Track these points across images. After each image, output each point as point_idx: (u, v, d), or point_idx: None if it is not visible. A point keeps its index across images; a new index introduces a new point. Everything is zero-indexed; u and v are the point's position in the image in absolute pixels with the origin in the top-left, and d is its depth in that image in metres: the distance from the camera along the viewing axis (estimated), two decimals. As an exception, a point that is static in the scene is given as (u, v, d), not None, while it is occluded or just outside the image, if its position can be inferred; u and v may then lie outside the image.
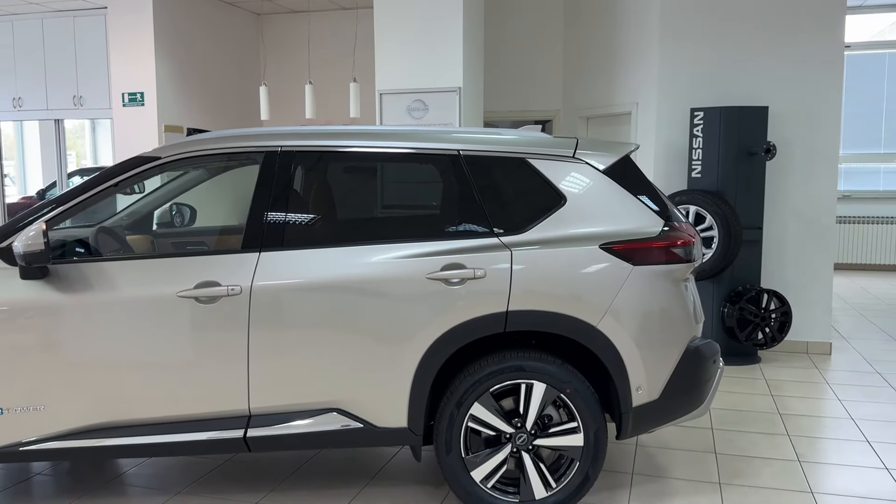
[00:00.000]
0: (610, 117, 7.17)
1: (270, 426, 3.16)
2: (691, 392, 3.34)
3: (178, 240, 4.42)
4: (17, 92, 9.08)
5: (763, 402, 4.94)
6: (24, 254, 2.92)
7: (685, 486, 3.64)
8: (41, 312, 3.05)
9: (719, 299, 6.01)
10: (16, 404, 3.07)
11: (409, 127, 3.48)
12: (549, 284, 3.15)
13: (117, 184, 3.25)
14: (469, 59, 6.37)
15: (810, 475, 3.75)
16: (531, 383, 3.18)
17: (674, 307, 3.26)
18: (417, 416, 3.18)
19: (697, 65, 6.26)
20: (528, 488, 3.23)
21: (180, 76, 7.53)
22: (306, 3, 8.21)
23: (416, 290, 3.12)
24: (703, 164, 6.01)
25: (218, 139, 3.33)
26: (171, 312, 3.09)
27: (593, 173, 3.32)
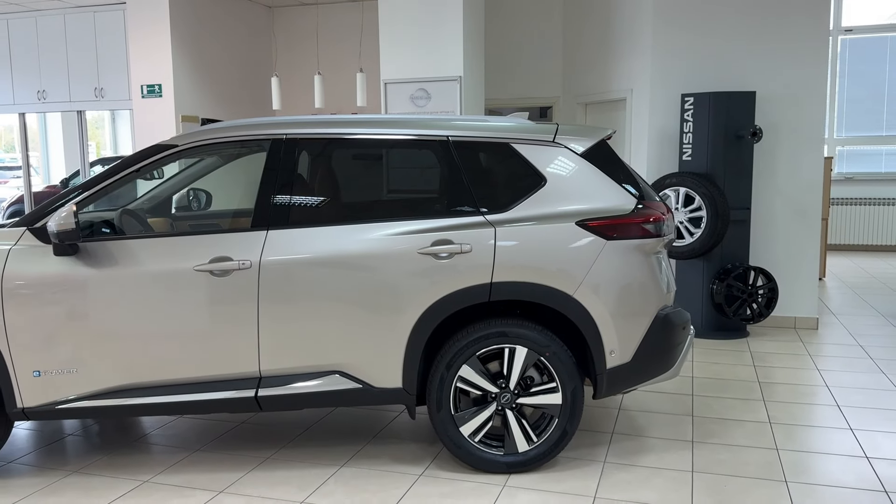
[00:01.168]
0: (607, 103, 7.44)
1: (279, 387, 3.51)
2: (661, 356, 3.65)
3: (194, 222, 4.78)
4: (41, 85, 9.48)
5: (745, 372, 5.23)
6: (57, 232, 3.28)
7: (660, 443, 3.96)
8: (73, 285, 3.42)
9: (709, 277, 6.29)
10: (51, 367, 3.44)
11: (403, 115, 3.79)
12: (530, 258, 3.46)
13: (139, 169, 3.60)
14: (469, 49, 6.67)
15: (778, 435, 4.06)
16: (514, 348, 3.51)
17: (644, 278, 3.56)
18: (411, 378, 3.52)
19: (689, 51, 6.51)
20: (512, 442, 3.56)
21: (196, 68, 7.88)
22: (315, -5, 8.54)
23: (408, 263, 3.45)
24: (693, 147, 6.28)
25: (229, 128, 3.67)
26: (189, 285, 3.44)
27: (572, 156, 3.63)
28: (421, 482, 3.51)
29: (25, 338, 3.41)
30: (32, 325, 3.40)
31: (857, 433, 4.07)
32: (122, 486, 3.51)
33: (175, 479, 3.57)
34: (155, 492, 3.44)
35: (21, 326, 3.40)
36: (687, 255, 6.20)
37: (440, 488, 3.44)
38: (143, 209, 4.34)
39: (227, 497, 3.38)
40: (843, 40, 11.42)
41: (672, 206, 6.24)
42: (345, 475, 3.60)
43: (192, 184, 4.69)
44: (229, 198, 5.51)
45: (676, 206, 6.22)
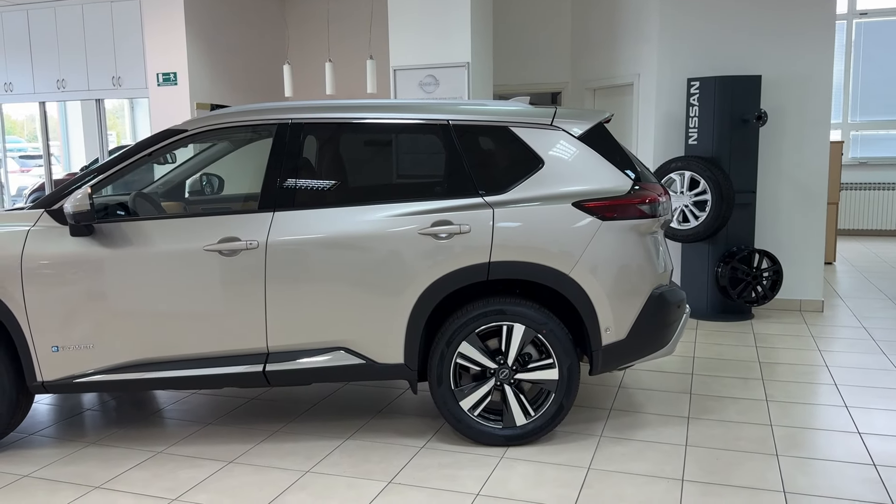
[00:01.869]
0: (614, 88, 7.50)
1: (286, 362, 3.65)
2: (656, 333, 3.75)
3: (206, 205, 4.93)
4: (60, 74, 9.68)
5: (746, 353, 5.31)
6: (73, 213, 3.44)
7: (656, 419, 4.06)
8: (88, 265, 3.58)
9: (714, 260, 6.35)
10: (69, 343, 3.60)
11: (406, 100, 3.91)
12: (527, 238, 3.57)
13: (151, 153, 3.74)
14: (477, 35, 6.75)
15: (773, 411, 4.15)
16: (511, 325, 3.63)
17: (639, 257, 3.66)
18: (412, 354, 3.65)
19: (696, 36, 6.55)
20: (510, 416, 3.68)
21: (210, 56, 8.03)
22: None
23: (409, 244, 3.58)
24: (699, 131, 6.33)
25: (237, 113, 3.80)
26: (199, 264, 3.59)
27: (569, 139, 3.72)
28: (422, 454, 3.64)
29: (44, 315, 3.57)
30: (50, 303, 3.57)
31: (852, 410, 4.15)
32: (136, 456, 3.68)
33: (187, 451, 3.74)
34: (168, 462, 3.61)
35: (40, 304, 3.57)
36: (692, 239, 6.27)
37: (440, 459, 3.58)
38: (156, 193, 4.49)
39: (236, 466, 3.54)
40: (857, 24, 11.35)
41: (677, 190, 6.31)
42: (349, 447, 3.74)
43: (205, 168, 4.84)
44: (242, 182, 5.65)
45: (681, 189, 6.29)
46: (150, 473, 3.48)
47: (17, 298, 3.56)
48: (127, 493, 3.28)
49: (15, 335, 3.58)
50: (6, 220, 3.66)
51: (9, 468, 3.55)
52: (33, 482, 3.40)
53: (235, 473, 3.46)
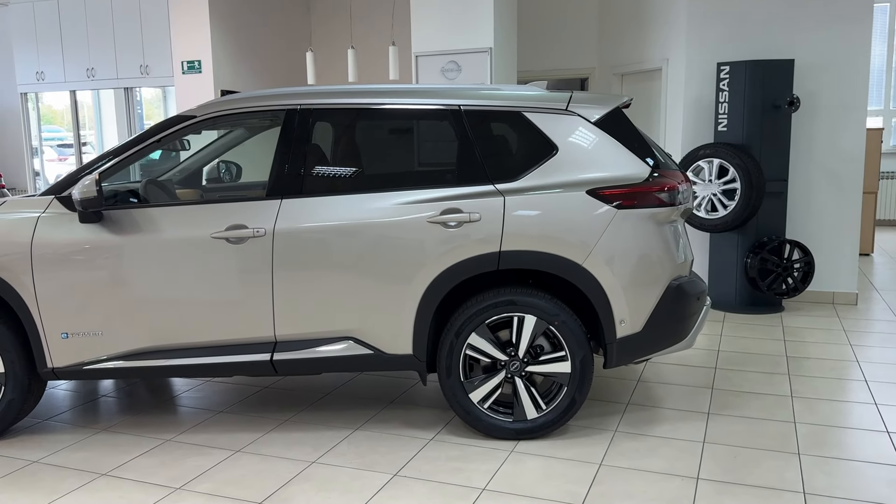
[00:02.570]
0: (642, 74, 7.31)
1: (293, 351, 3.61)
2: (674, 326, 3.62)
3: (221, 193, 4.91)
4: (90, 63, 9.78)
5: (773, 346, 5.14)
6: (80, 200, 3.43)
7: (675, 414, 3.94)
8: (97, 251, 3.56)
9: (743, 250, 6.16)
10: (78, 330, 3.60)
11: (417, 85, 3.82)
12: (538, 227, 3.47)
13: (160, 140, 3.71)
14: (500, 20, 6.62)
15: (797, 408, 3.99)
16: (523, 316, 3.53)
17: (656, 247, 3.53)
18: (421, 344, 3.58)
19: (726, 18, 6.34)
20: (521, 410, 3.59)
21: (234, 44, 8.02)
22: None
23: (418, 232, 3.50)
24: (728, 117, 6.13)
25: (246, 99, 3.75)
26: (207, 251, 3.55)
27: (584, 124, 3.60)
28: (430, 446, 3.58)
29: (54, 301, 3.57)
30: (60, 289, 3.57)
31: (882, 408, 3.97)
32: (145, 443, 3.67)
33: (196, 439, 3.72)
34: (176, 450, 3.59)
35: (49, 290, 3.57)
36: (720, 228, 6.09)
37: (448, 452, 3.51)
38: (171, 180, 4.48)
39: (243, 455, 3.51)
40: (902, 6, 10.91)
41: (705, 178, 6.12)
42: (358, 438, 3.69)
43: (223, 155, 4.81)
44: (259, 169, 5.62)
45: (710, 177, 6.10)
46: (157, 461, 3.47)
47: (28, 284, 3.56)
48: (132, 480, 3.27)
49: (25, 321, 3.59)
50: (18, 207, 3.66)
51: (20, 453, 3.57)
52: (42, 468, 3.41)
53: (242, 463, 3.44)
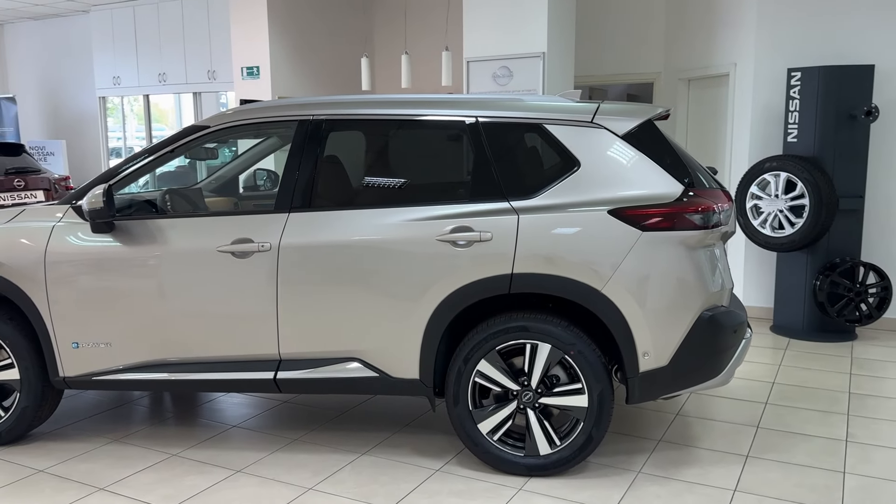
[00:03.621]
0: (710, 79, 6.87)
1: (297, 370, 3.48)
2: (705, 361, 3.29)
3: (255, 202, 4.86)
4: (161, 68, 10.06)
5: (836, 381, 4.67)
6: (88, 210, 3.40)
7: (709, 455, 3.60)
8: (107, 262, 3.53)
9: (813, 271, 5.67)
10: (88, 340, 3.59)
11: (433, 96, 3.61)
12: (554, 248, 3.21)
13: (173, 150, 3.66)
14: (555, 23, 6.34)
15: (851, 456, 3.57)
16: (536, 344, 3.28)
17: (686, 274, 3.21)
18: (428, 369, 3.38)
19: (799, 20, 5.86)
20: (533, 444, 3.34)
21: (291, 49, 8.04)
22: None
23: (426, 250, 3.30)
24: (799, 127, 5.66)
25: (259, 109, 3.65)
26: (212, 265, 3.46)
27: (610, 138, 3.32)
28: (435, 478, 3.38)
29: (65, 310, 3.57)
30: (71, 299, 3.56)
31: (952, 461, 3.51)
32: (151, 457, 3.62)
33: (201, 455, 3.65)
34: (178, 466, 3.52)
35: (62, 299, 3.56)
36: (787, 248, 5.63)
37: (453, 486, 3.29)
38: (198, 189, 4.44)
39: (242, 476, 3.41)
40: None
41: (771, 194, 5.67)
42: (362, 464, 3.53)
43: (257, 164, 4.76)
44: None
45: (776, 192, 5.65)
46: (157, 478, 3.40)
47: (41, 293, 3.57)
48: (126, 497, 3.21)
49: (39, 329, 3.60)
50: (36, 216, 3.68)
51: (29, 461, 3.58)
52: (45, 478, 3.40)
53: (238, 484, 3.33)
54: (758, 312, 6.26)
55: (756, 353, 5.31)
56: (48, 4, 10.42)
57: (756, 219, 5.79)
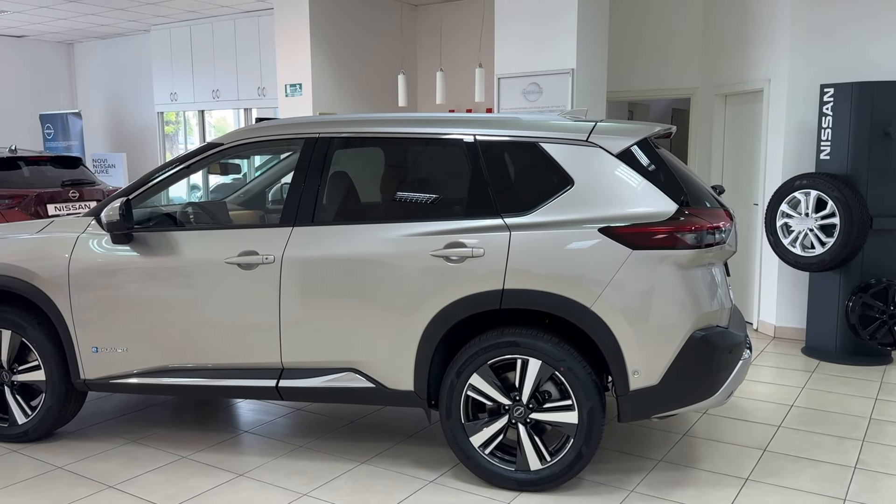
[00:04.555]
0: (745, 95, 6.76)
1: (298, 378, 3.60)
2: (698, 381, 3.27)
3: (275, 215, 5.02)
4: (215, 85, 10.46)
5: (859, 406, 4.53)
6: (106, 223, 3.61)
7: (707, 477, 3.55)
8: (126, 270, 3.74)
9: (845, 292, 5.51)
10: (107, 345, 3.79)
11: (433, 114, 3.70)
12: (544, 265, 3.25)
13: (189, 166, 3.85)
14: (586, 39, 6.36)
15: (856, 483, 3.48)
16: (526, 359, 3.32)
17: (676, 293, 3.20)
18: (422, 382, 3.45)
19: (833, 36, 5.73)
20: (524, 459, 3.37)
21: (332, 67, 8.26)
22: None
23: (420, 265, 3.38)
24: (832, 144, 5.53)
25: (269, 127, 3.81)
26: (219, 276, 3.63)
27: (605, 157, 3.35)
28: (428, 489, 3.44)
29: (87, 316, 3.79)
30: (92, 306, 3.77)
31: (964, 493, 3.38)
32: (161, 458, 3.79)
33: (209, 458, 3.80)
34: (185, 468, 3.68)
35: (83, 306, 3.78)
36: (817, 268, 5.49)
37: (443, 498, 3.35)
38: (222, 202, 4.64)
39: (244, 480, 3.54)
40: None
41: (802, 212, 5.55)
42: (360, 472, 3.62)
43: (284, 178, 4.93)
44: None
45: (806, 211, 5.52)
46: (164, 478, 3.57)
47: (65, 299, 3.79)
48: (132, 496, 3.38)
49: (62, 334, 3.83)
50: (62, 227, 3.92)
51: (50, 458, 3.80)
52: (61, 475, 3.61)
53: (239, 488, 3.46)
54: (791, 333, 6.11)
55: (781, 374, 5.19)
56: (112, 24, 10.98)
57: (786, 237, 5.67)
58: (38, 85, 12.63)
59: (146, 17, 10.34)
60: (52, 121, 11.84)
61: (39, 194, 7.62)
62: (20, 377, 3.94)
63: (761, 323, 6.40)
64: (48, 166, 8.07)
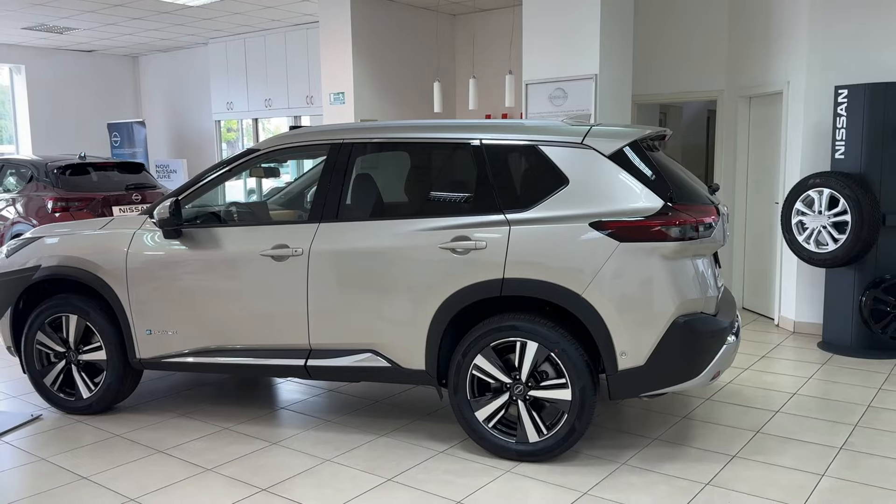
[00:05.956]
0: (767, 97, 6.94)
1: (324, 359, 4.03)
2: (682, 363, 3.56)
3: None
4: (268, 94, 11.06)
5: (860, 395, 4.72)
6: (157, 220, 4.11)
7: (697, 454, 3.83)
8: (175, 262, 4.23)
9: (860, 288, 5.67)
10: (159, 328, 4.29)
11: (443, 121, 4.09)
12: (540, 256, 3.60)
13: (231, 169, 4.33)
14: (609, 46, 6.65)
15: (837, 462, 3.71)
16: (525, 342, 3.67)
17: (659, 282, 3.51)
18: (432, 362, 3.84)
19: (850, 39, 5.89)
20: (523, 432, 3.72)
21: (373, 76, 8.73)
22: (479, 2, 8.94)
23: (430, 257, 3.77)
24: (846, 144, 5.70)
25: (300, 134, 4.26)
26: (256, 266, 4.08)
27: (597, 158, 3.68)
28: (437, 458, 3.82)
29: (142, 303, 4.29)
30: (146, 293, 4.28)
31: (941, 472, 3.58)
32: (206, 429, 4.27)
33: (248, 429, 4.26)
34: (227, 437, 4.15)
35: (139, 294, 4.29)
36: (830, 264, 5.67)
37: (450, 465, 3.73)
38: (263, 203, 5.11)
39: (276, 448, 3.99)
40: None
41: (815, 210, 5.74)
42: (378, 444, 4.02)
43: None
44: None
45: (819, 209, 5.71)
46: (206, 445, 4.04)
47: (123, 288, 4.31)
48: (178, 459, 3.86)
49: (121, 318, 4.34)
50: (122, 224, 4.44)
51: (109, 427, 4.32)
52: (119, 441, 4.12)
53: (271, 454, 3.91)
54: (809, 329, 6.27)
55: (792, 366, 5.39)
56: (173, 38, 11.71)
57: (801, 234, 5.86)
58: (106, 96, 13.50)
59: (204, 31, 11.02)
60: (119, 129, 12.66)
61: (106, 197, 8.31)
62: (85, 357, 4.47)
63: (782, 318, 6.58)
64: (114, 171, 8.77)
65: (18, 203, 8.38)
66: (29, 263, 4.48)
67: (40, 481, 3.62)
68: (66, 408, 4.54)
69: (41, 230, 4.73)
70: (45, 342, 4.51)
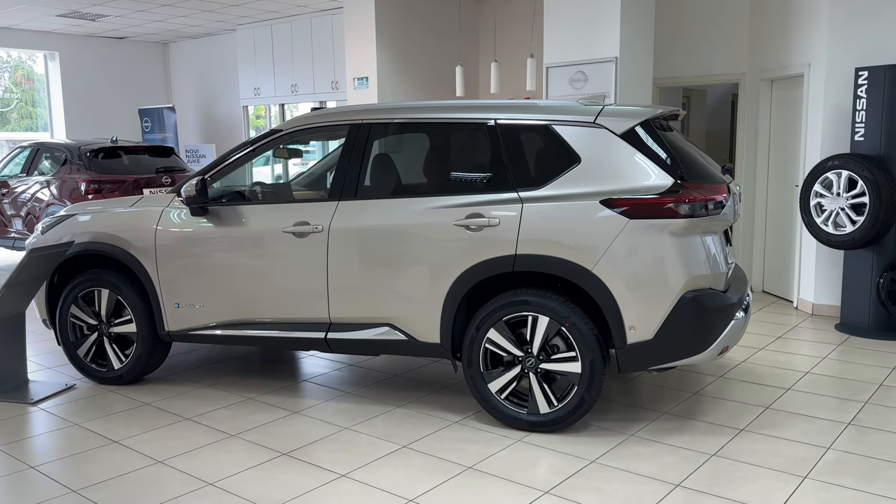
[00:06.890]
0: (788, 79, 6.92)
1: (343, 332, 4.17)
2: (690, 337, 3.65)
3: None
4: (294, 79, 11.22)
5: (874, 374, 4.76)
6: (185, 198, 4.28)
7: (705, 427, 3.92)
8: (202, 238, 4.40)
9: (878, 270, 5.68)
10: (187, 301, 4.47)
11: (459, 101, 4.19)
12: (551, 232, 3.70)
13: (254, 149, 4.48)
14: (629, 29, 6.69)
15: (844, 436, 3.77)
16: (537, 316, 3.78)
17: (668, 258, 3.59)
18: (447, 335, 3.96)
19: (871, 20, 5.87)
20: (535, 404, 3.84)
21: (396, 61, 8.84)
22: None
23: (445, 233, 3.89)
24: (866, 126, 5.70)
25: (321, 115, 4.39)
26: (278, 243, 4.24)
27: (609, 137, 3.76)
28: (451, 428, 3.95)
29: (170, 278, 4.47)
30: (174, 268, 4.45)
31: (947, 447, 3.63)
32: (231, 398, 4.45)
33: (270, 399, 4.43)
34: (250, 406, 4.33)
35: (167, 269, 4.47)
36: (847, 245, 5.69)
37: (463, 434, 3.86)
38: (286, 183, 5.26)
39: (297, 416, 4.15)
40: None
41: (834, 192, 5.75)
42: (394, 414, 4.17)
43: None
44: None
45: (838, 190, 5.72)
46: (231, 413, 4.22)
47: (152, 263, 4.49)
48: (204, 426, 4.04)
49: (150, 293, 4.53)
50: (151, 202, 4.62)
51: (140, 396, 4.52)
52: (148, 409, 4.31)
53: (293, 421, 4.07)
54: (828, 311, 6.29)
55: (807, 346, 5.43)
56: (202, 25, 11.91)
57: (819, 216, 5.87)
58: (137, 81, 13.77)
59: (232, 18, 11.20)
60: (150, 114, 12.93)
61: (137, 180, 8.54)
62: (116, 329, 4.67)
63: (801, 301, 6.60)
64: (145, 155, 9.00)
65: (53, 185, 8.64)
66: (63, 240, 4.68)
67: (74, 444, 3.83)
68: (99, 378, 4.75)
69: (75, 208, 4.93)
70: (79, 315, 4.72)
